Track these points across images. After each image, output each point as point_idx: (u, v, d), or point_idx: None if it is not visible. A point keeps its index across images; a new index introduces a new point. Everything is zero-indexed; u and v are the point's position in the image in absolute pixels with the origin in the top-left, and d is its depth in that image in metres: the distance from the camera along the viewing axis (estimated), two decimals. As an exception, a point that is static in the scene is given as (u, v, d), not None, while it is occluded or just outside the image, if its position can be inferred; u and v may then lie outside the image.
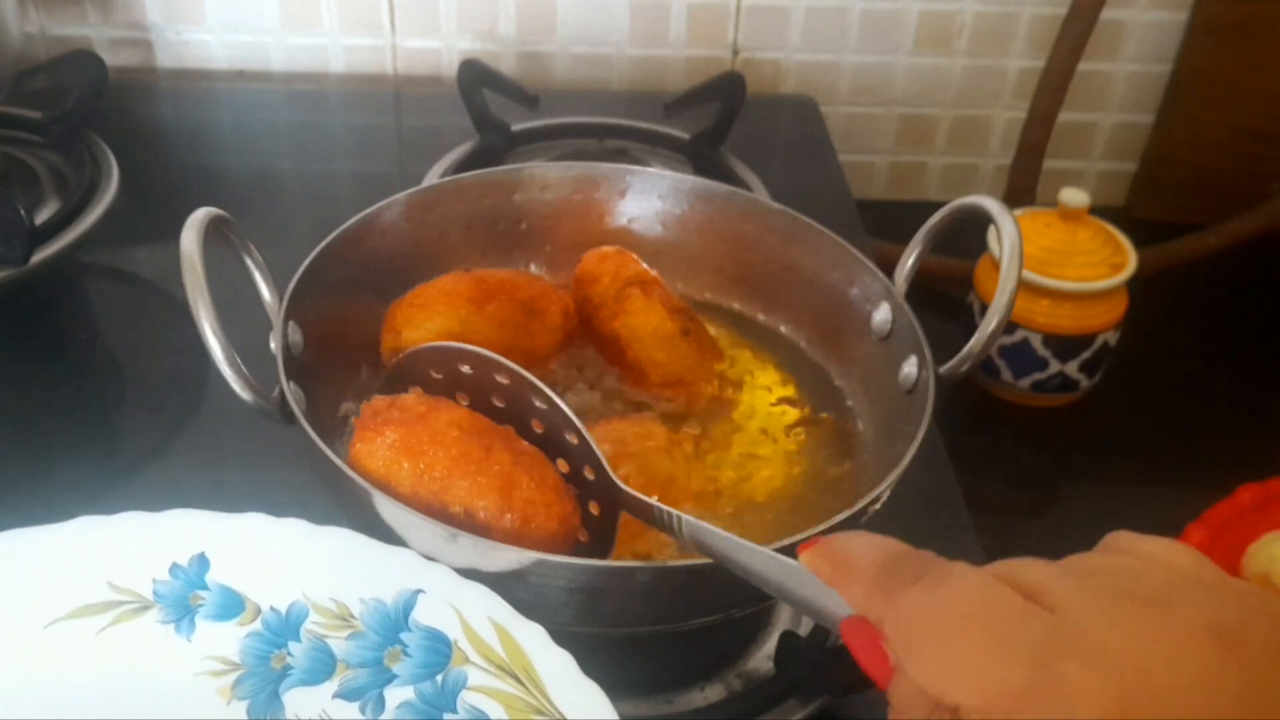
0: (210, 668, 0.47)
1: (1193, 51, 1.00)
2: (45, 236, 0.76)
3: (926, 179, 1.11)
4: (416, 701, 0.45)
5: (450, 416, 0.49)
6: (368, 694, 0.45)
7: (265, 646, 0.47)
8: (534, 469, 0.48)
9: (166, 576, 0.48)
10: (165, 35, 1.05)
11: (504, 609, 0.45)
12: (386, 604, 0.46)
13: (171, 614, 0.47)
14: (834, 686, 0.53)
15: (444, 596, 0.46)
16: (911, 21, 1.02)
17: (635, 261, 0.63)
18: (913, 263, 0.60)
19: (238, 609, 0.47)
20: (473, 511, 0.47)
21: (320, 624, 0.47)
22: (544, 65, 1.05)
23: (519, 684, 0.44)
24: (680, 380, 0.61)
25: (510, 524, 0.47)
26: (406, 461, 0.47)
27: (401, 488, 0.47)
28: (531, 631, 0.45)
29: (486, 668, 0.45)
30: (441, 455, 0.47)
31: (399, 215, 0.63)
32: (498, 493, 0.47)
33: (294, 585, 0.47)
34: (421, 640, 0.46)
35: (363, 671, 0.46)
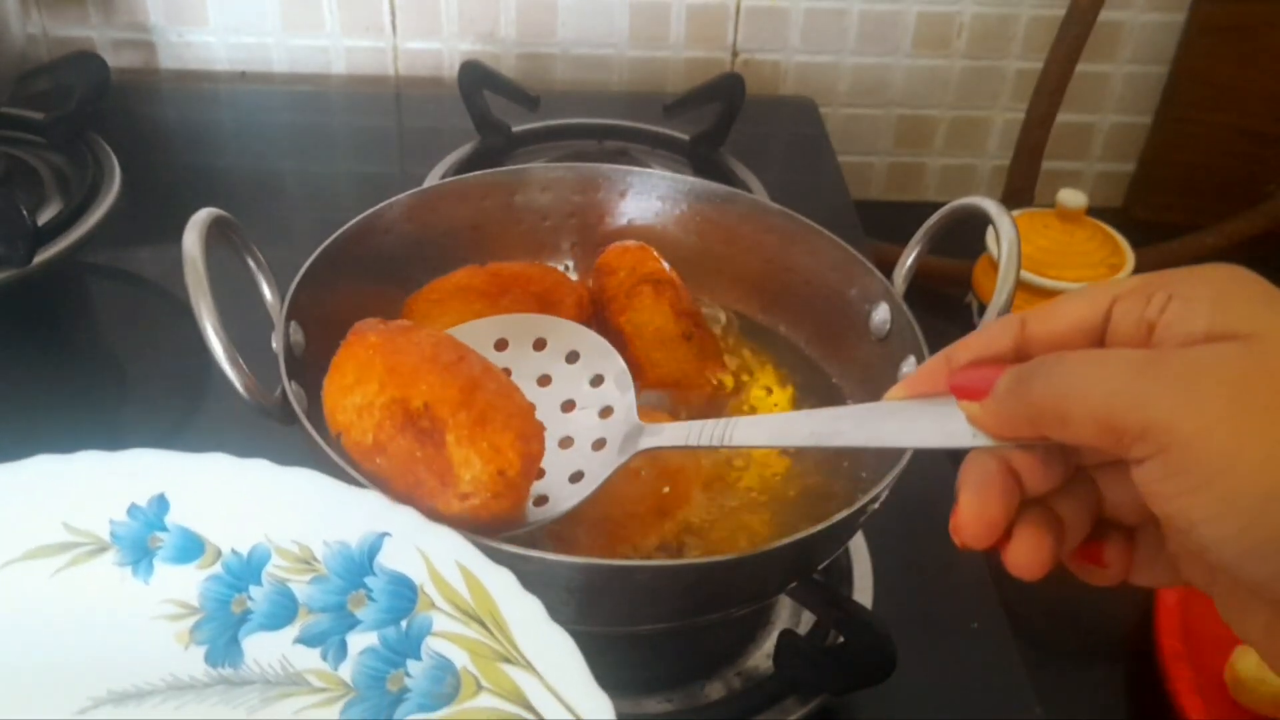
0: (168, 611, 0.45)
1: (1190, 53, 1.01)
2: (47, 237, 0.76)
3: (925, 180, 1.12)
4: (380, 647, 0.43)
5: (432, 331, 0.49)
6: (330, 639, 0.44)
7: (225, 590, 0.45)
8: (503, 383, 0.47)
9: (124, 518, 0.46)
10: (167, 36, 1.05)
11: (472, 553, 0.44)
12: (351, 547, 0.45)
13: (129, 556, 0.46)
14: (833, 685, 0.54)
15: (410, 540, 0.44)
16: (910, 23, 1.02)
17: (655, 259, 0.63)
18: (911, 263, 0.60)
19: (197, 551, 0.46)
20: (432, 405, 0.45)
21: (282, 567, 0.45)
22: (544, 66, 1.06)
23: (485, 630, 0.43)
24: (675, 383, 0.61)
25: (465, 421, 0.45)
26: (379, 359, 0.47)
27: (371, 384, 0.46)
28: (500, 577, 0.43)
29: (452, 613, 0.43)
30: (413, 354, 0.47)
31: (400, 216, 0.63)
32: (460, 390, 0.46)
33: (256, 528, 0.46)
34: (386, 585, 0.44)
35: (325, 616, 0.44)
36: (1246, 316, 0.31)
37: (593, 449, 0.49)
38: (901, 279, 0.60)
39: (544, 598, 0.47)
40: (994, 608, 0.62)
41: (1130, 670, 0.67)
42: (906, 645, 0.51)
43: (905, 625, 0.53)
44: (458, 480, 0.45)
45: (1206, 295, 0.32)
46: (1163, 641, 0.63)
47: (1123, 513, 0.36)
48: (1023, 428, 0.33)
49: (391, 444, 0.46)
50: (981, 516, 0.35)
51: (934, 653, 0.60)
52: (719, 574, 0.47)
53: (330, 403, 0.48)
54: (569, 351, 0.53)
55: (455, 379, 0.46)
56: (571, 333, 0.54)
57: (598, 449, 0.49)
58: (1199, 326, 0.31)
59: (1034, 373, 0.33)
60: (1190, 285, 0.32)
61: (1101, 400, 0.31)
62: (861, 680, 0.52)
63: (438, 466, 0.45)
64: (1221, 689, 0.62)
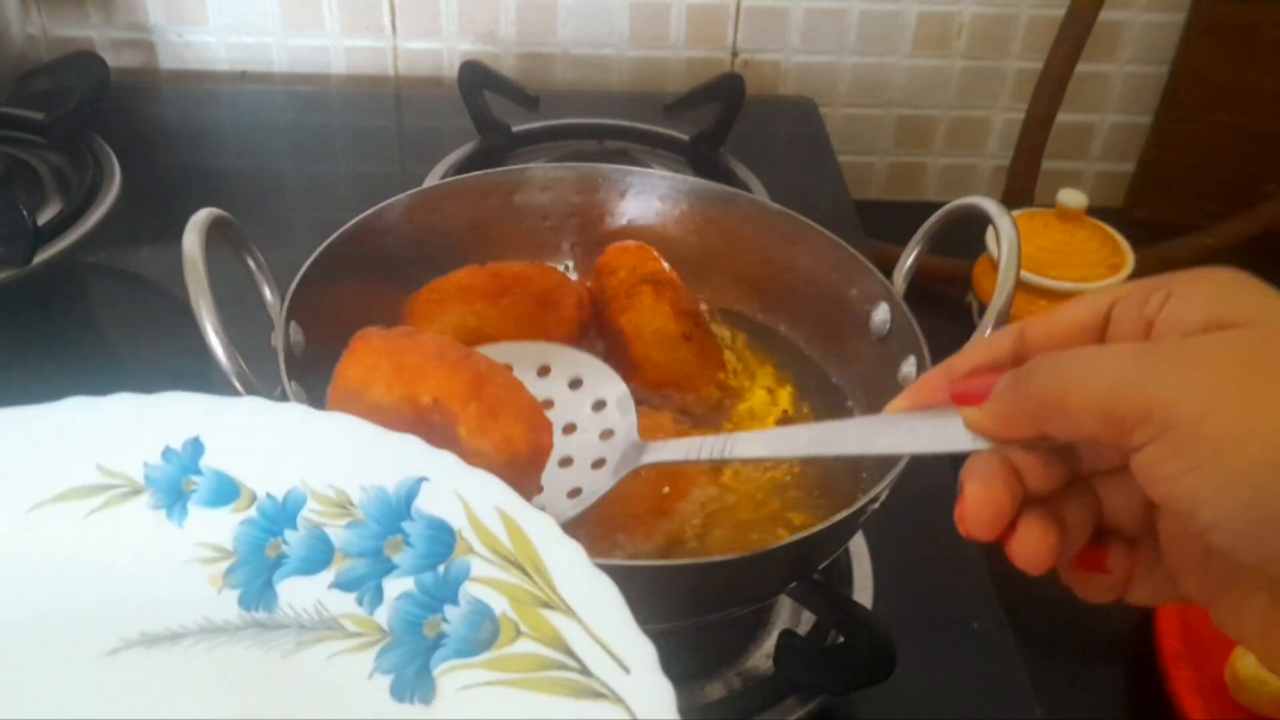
0: (202, 555, 0.44)
1: (1190, 53, 1.01)
2: (48, 237, 0.76)
3: (925, 180, 1.12)
4: (416, 592, 0.43)
5: (436, 334, 0.50)
6: (366, 584, 0.43)
7: (260, 534, 0.44)
8: (510, 379, 0.48)
9: (159, 460, 0.46)
10: (167, 36, 1.05)
11: (512, 498, 0.43)
12: (388, 491, 0.44)
13: (163, 499, 0.45)
14: (833, 685, 0.54)
15: (449, 484, 0.43)
16: (910, 23, 1.02)
17: (655, 259, 0.63)
18: (911, 263, 0.60)
19: (232, 495, 0.45)
20: (441, 400, 0.46)
21: (318, 512, 0.44)
22: (544, 67, 1.06)
23: (525, 575, 0.42)
24: (675, 384, 0.61)
25: (475, 413, 0.45)
26: (385, 361, 0.47)
27: (379, 385, 0.47)
28: (540, 522, 0.42)
29: (491, 559, 0.42)
30: (419, 353, 0.47)
31: (400, 216, 0.63)
32: (468, 384, 0.46)
33: (292, 472, 0.45)
34: (424, 530, 0.43)
35: (361, 561, 0.43)
36: (1244, 307, 0.31)
37: (592, 468, 0.49)
38: (901, 279, 0.60)
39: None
40: (994, 608, 0.62)
41: (1130, 670, 0.67)
42: (906, 645, 0.51)
43: (905, 625, 0.53)
44: None
45: (1204, 290, 0.32)
46: (1163, 641, 0.63)
47: (1122, 522, 0.36)
48: (1022, 426, 0.34)
49: None
50: (987, 505, 0.35)
51: (934, 653, 0.60)
52: (719, 574, 0.47)
53: (337, 408, 0.48)
54: (572, 378, 0.53)
55: (463, 373, 0.46)
56: (574, 359, 0.54)
57: (596, 468, 0.49)
58: (1197, 318, 0.32)
59: (1032, 371, 0.33)
60: (1187, 283, 0.33)
61: (1101, 389, 0.31)
62: (861, 680, 0.52)
63: None
64: (1221, 689, 0.62)
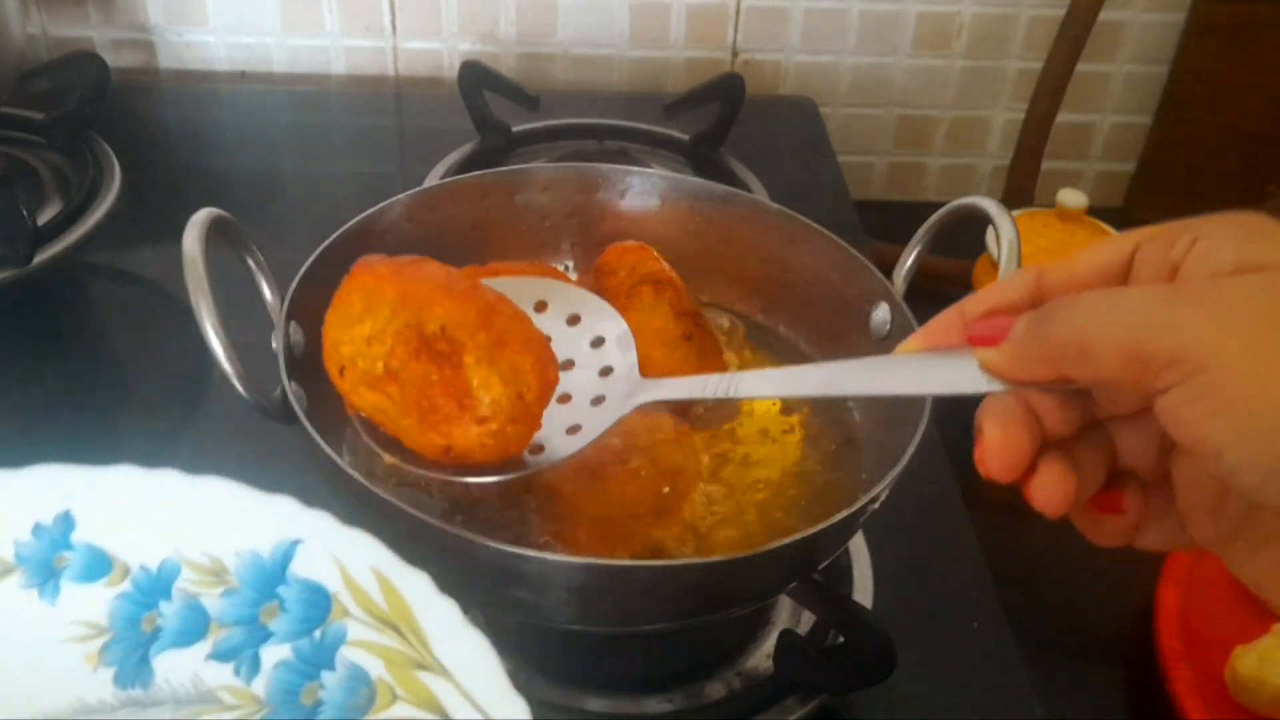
0: (77, 633, 0.44)
1: (1190, 52, 1.01)
2: (47, 237, 0.76)
3: (925, 180, 1.12)
4: (293, 660, 0.43)
5: (441, 265, 0.49)
6: (242, 653, 0.43)
7: (135, 608, 0.44)
8: (518, 311, 0.47)
9: (29, 537, 0.45)
10: (167, 36, 1.05)
11: (387, 557, 0.43)
12: (263, 556, 0.43)
13: (35, 577, 0.44)
14: (833, 685, 0.54)
15: (324, 546, 0.43)
16: (910, 23, 1.02)
17: (655, 259, 0.63)
18: (911, 263, 0.60)
19: (105, 569, 0.44)
20: (449, 328, 0.44)
21: (193, 581, 0.44)
22: (544, 67, 1.06)
23: (400, 637, 0.42)
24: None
25: (484, 342, 0.44)
26: (390, 287, 0.46)
27: (383, 312, 0.45)
28: (415, 580, 0.43)
29: (367, 621, 0.42)
30: (426, 281, 0.46)
31: (400, 216, 0.63)
32: (477, 313, 0.45)
33: (165, 541, 0.44)
34: (299, 594, 0.43)
35: (237, 630, 0.43)
36: (1274, 251, 0.31)
37: (591, 405, 0.49)
38: (901, 279, 0.60)
39: (544, 598, 0.47)
40: (994, 608, 0.62)
41: (1130, 670, 0.67)
42: (906, 645, 0.51)
43: (905, 625, 0.53)
44: (476, 403, 0.44)
45: (1232, 234, 0.32)
46: (1163, 641, 0.63)
47: (1136, 465, 0.36)
48: (1041, 368, 0.33)
49: (405, 370, 0.45)
50: (1008, 447, 0.34)
51: (934, 653, 0.60)
52: (719, 574, 0.47)
53: (334, 335, 0.47)
54: (570, 314, 0.53)
55: (472, 303, 0.45)
56: (573, 295, 0.54)
57: (596, 404, 0.49)
58: (1226, 261, 0.31)
59: (1052, 311, 0.32)
60: (1215, 226, 0.32)
61: (1127, 330, 0.30)
62: (861, 680, 0.52)
63: (455, 389, 0.45)
64: (1221, 689, 0.62)
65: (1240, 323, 0.29)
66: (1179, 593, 0.66)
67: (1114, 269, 0.34)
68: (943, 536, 0.67)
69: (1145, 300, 0.31)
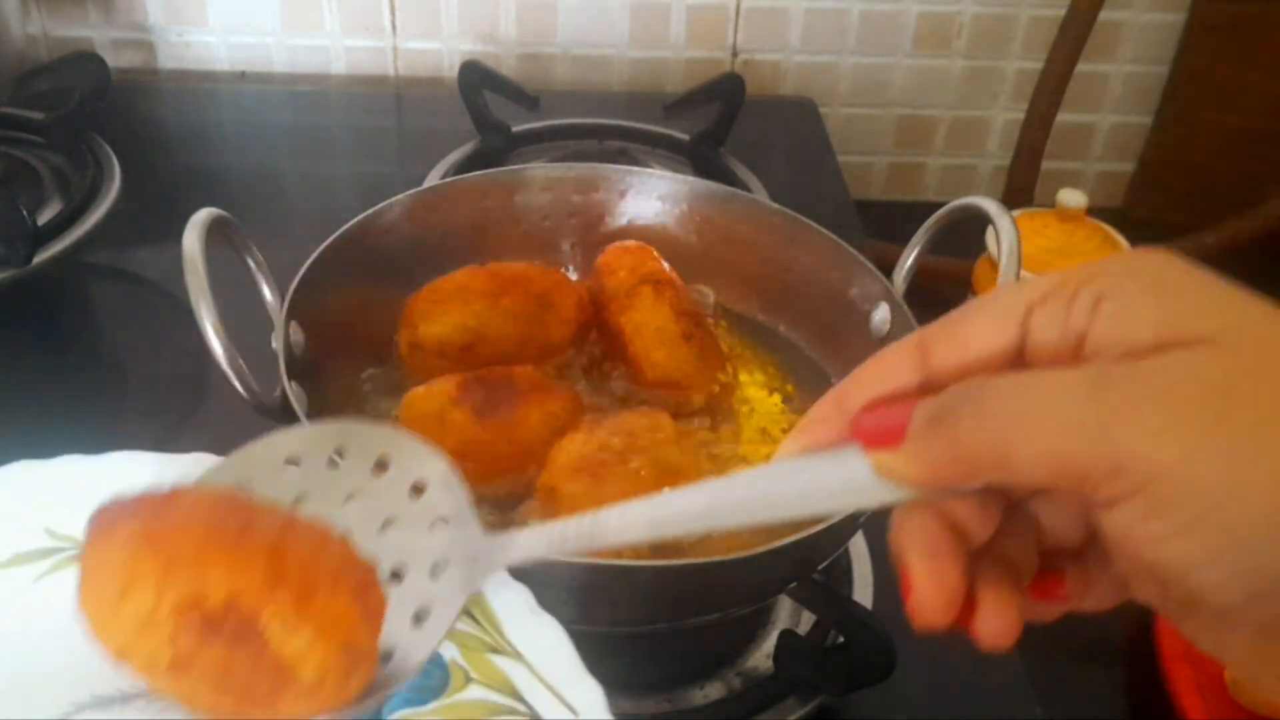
0: None
1: (1190, 52, 1.01)
2: (47, 237, 0.76)
3: (925, 180, 1.12)
4: None
5: (199, 491, 0.39)
6: None
7: None
8: (309, 531, 0.37)
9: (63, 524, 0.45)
10: (167, 36, 1.05)
11: None
12: None
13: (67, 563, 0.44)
14: (833, 685, 0.54)
15: None
16: (910, 23, 1.02)
17: (655, 259, 0.63)
18: (911, 263, 0.60)
19: None
20: (237, 596, 0.35)
21: None
22: (544, 67, 1.06)
23: (473, 621, 0.42)
24: (676, 383, 0.61)
25: (285, 600, 0.35)
26: (148, 550, 0.35)
27: (145, 588, 0.35)
28: None
29: None
30: (187, 536, 0.36)
31: (400, 216, 0.63)
32: (265, 563, 0.35)
33: None
34: None
35: None
36: (1198, 315, 0.26)
37: (431, 577, 0.38)
38: (901, 279, 0.60)
39: (544, 598, 0.47)
40: (994, 608, 0.62)
41: (1130, 670, 0.67)
42: (906, 645, 0.51)
43: (905, 625, 0.53)
44: (297, 676, 0.35)
45: (1143, 293, 0.27)
46: (1163, 641, 0.63)
47: (1064, 538, 0.32)
48: (952, 474, 0.28)
49: (198, 659, 0.35)
50: (942, 589, 0.30)
51: (934, 653, 0.60)
52: (719, 574, 0.47)
53: (97, 621, 0.37)
54: (375, 459, 0.41)
55: (253, 552, 0.35)
56: (373, 437, 0.42)
57: (438, 575, 0.38)
58: (1144, 334, 0.26)
59: (958, 407, 0.28)
60: (1119, 281, 0.27)
61: (1053, 435, 0.26)
62: (861, 680, 0.52)
63: (265, 669, 0.35)
64: (1221, 689, 0.62)
65: (1187, 420, 0.25)
66: (1179, 593, 0.66)
67: (1007, 342, 0.29)
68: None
69: (1065, 399, 0.26)
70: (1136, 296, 0.27)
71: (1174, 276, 0.27)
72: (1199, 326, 0.26)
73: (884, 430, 0.29)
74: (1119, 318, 0.27)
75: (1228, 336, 0.26)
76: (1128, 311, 0.27)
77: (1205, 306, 0.27)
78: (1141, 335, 0.26)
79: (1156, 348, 0.26)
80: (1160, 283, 0.27)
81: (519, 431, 0.55)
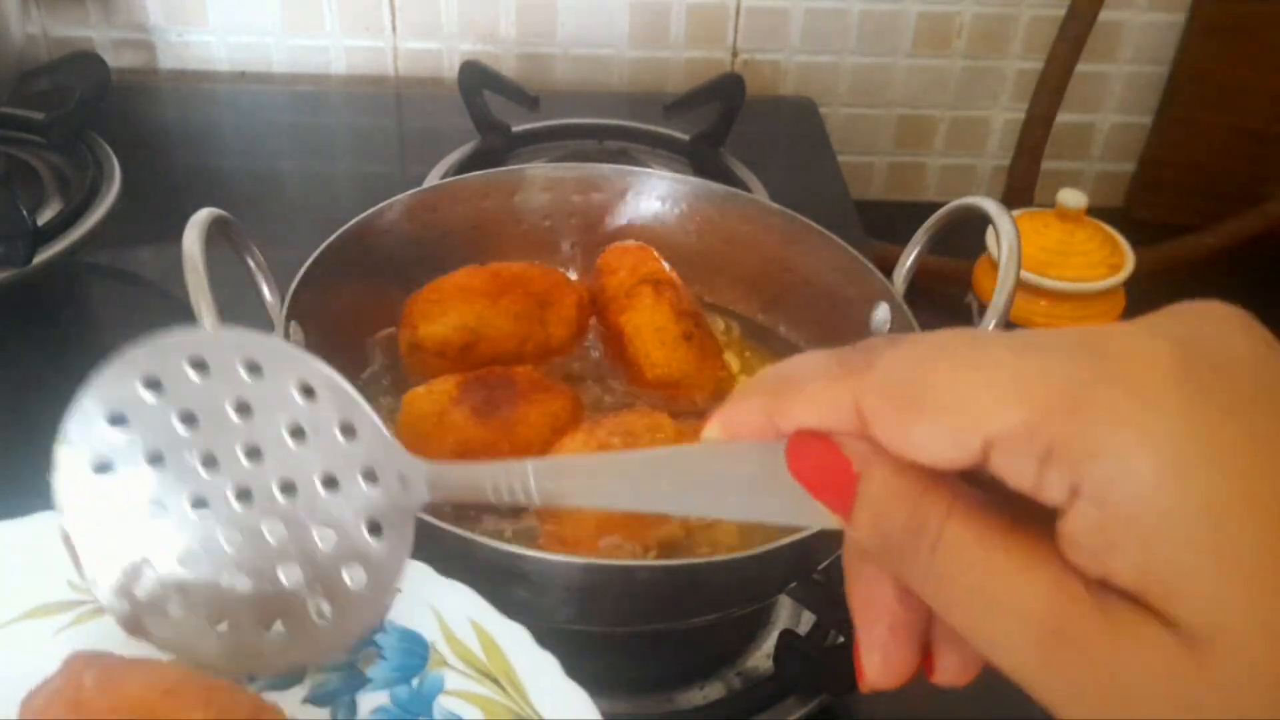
0: None
1: (1190, 52, 1.01)
2: (47, 237, 0.76)
3: (925, 180, 1.12)
4: (391, 706, 0.43)
5: (101, 685, 0.37)
6: (339, 699, 0.43)
7: None
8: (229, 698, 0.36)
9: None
10: (167, 36, 1.05)
11: (485, 609, 0.43)
12: None
13: None
14: (833, 685, 0.54)
15: (423, 596, 0.44)
16: (910, 23, 1.02)
17: (655, 259, 0.63)
18: (911, 263, 0.60)
19: None
20: None
21: None
22: (544, 67, 1.06)
23: (499, 688, 0.42)
24: (675, 383, 0.61)
25: None
26: None
27: None
28: (513, 633, 0.43)
29: (466, 671, 0.43)
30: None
31: (400, 216, 0.63)
32: None
33: None
34: (397, 643, 0.43)
35: (334, 675, 0.43)
36: (1214, 457, 0.22)
37: (367, 483, 0.35)
38: (901, 279, 0.60)
39: (544, 598, 0.47)
40: (994, 608, 0.62)
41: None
42: (906, 645, 0.51)
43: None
44: None
45: (1144, 444, 0.22)
46: (1163, 641, 0.63)
47: None
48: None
49: None
50: (892, 671, 0.29)
51: (934, 653, 0.60)
52: (719, 574, 0.47)
53: None
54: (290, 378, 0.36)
55: None
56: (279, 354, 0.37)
57: (374, 483, 0.35)
58: (1158, 500, 0.22)
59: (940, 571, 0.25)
60: (1110, 431, 0.22)
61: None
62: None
63: None
64: (1221, 689, 0.62)
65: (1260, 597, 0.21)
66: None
67: (963, 466, 0.24)
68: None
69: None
70: (1136, 451, 0.22)
71: (1172, 394, 0.22)
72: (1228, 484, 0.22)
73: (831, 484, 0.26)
74: (1113, 485, 0.22)
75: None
76: (1125, 473, 0.22)
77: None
78: (1155, 502, 0.22)
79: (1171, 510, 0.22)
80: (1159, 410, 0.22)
81: (519, 431, 0.55)
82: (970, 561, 0.24)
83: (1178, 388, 0.22)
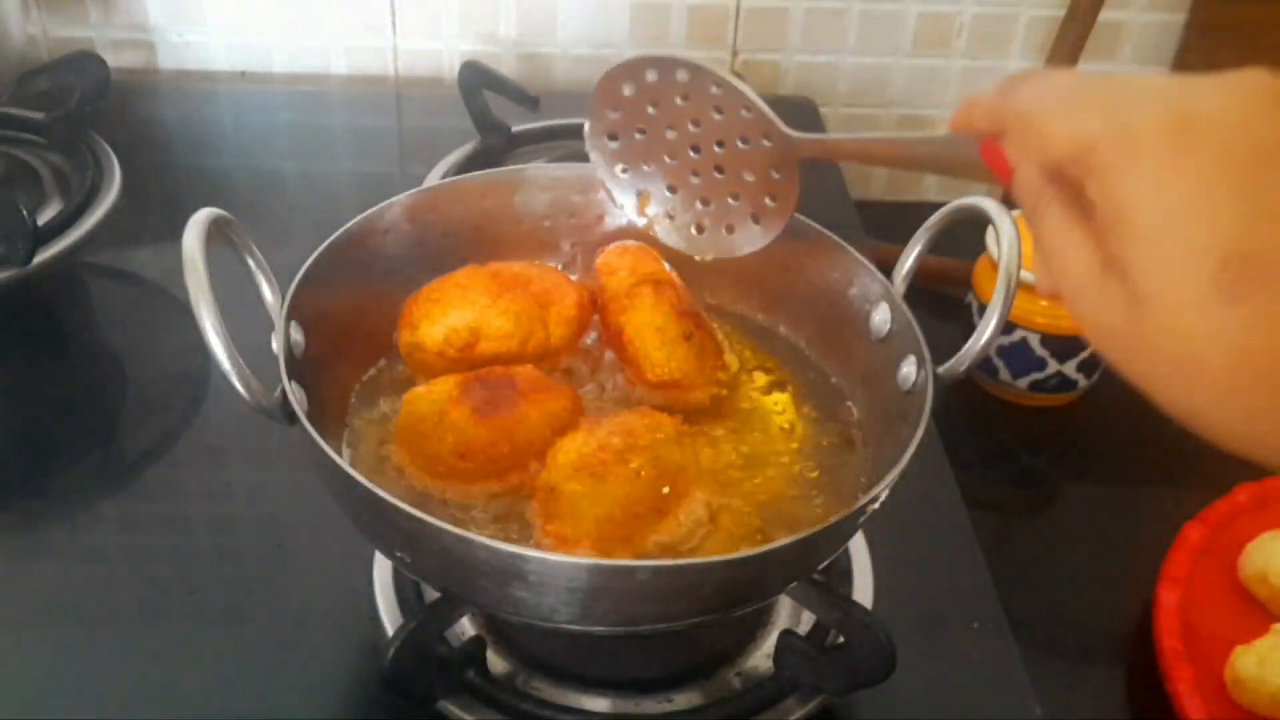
0: None
1: (1190, 53, 1.01)
2: (47, 237, 0.76)
3: (925, 180, 1.12)
4: None
5: None
6: None
7: None
8: None
9: None
10: (167, 36, 1.05)
11: None
12: None
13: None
14: (833, 685, 0.54)
15: None
16: (910, 23, 1.02)
17: (655, 259, 0.63)
18: (911, 263, 0.60)
19: None
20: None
21: None
22: (544, 67, 1.06)
23: None
24: (676, 383, 0.61)
25: None
26: None
27: None
28: None
29: None
30: None
31: (400, 216, 0.63)
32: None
33: None
34: None
35: None
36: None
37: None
38: (901, 279, 0.60)
39: (544, 598, 0.47)
40: (994, 608, 0.62)
41: (1130, 670, 0.67)
42: (906, 645, 0.51)
43: (905, 625, 0.53)
44: None
45: (1153, 154, 0.34)
46: (1163, 641, 0.63)
47: None
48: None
49: None
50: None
51: (934, 653, 0.60)
52: (719, 574, 0.47)
53: None
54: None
55: None
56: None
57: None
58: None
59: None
60: (1128, 149, 0.35)
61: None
62: (861, 680, 0.52)
63: None
64: (1221, 689, 0.62)
65: None
66: (1179, 593, 0.66)
67: (1047, 168, 0.38)
68: (943, 536, 0.67)
69: None
70: (1144, 166, 0.34)
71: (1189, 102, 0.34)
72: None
73: (999, 169, 0.41)
74: (1126, 196, 0.34)
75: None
76: (1134, 184, 0.34)
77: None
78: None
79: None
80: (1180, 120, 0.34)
81: (519, 431, 0.55)
82: (1054, 225, 0.38)
83: (1168, 146, 0.34)
